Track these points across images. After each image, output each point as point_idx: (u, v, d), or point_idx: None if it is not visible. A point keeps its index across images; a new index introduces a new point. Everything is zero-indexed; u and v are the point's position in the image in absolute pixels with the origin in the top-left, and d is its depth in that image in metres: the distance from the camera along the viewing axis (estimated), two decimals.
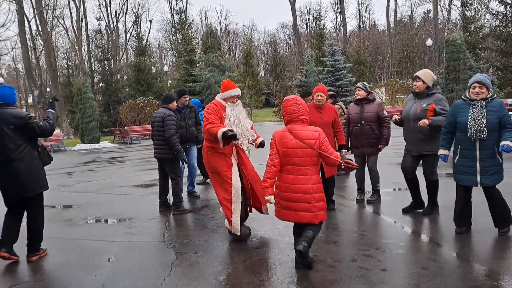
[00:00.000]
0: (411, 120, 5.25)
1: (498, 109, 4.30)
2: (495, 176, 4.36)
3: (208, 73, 23.81)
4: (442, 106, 5.09)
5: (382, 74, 45.44)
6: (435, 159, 5.22)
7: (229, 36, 65.31)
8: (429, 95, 5.21)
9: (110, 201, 7.69)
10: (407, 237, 4.78)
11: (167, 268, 4.17)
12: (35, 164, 4.50)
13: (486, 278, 3.55)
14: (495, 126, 4.27)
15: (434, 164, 5.30)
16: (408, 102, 5.48)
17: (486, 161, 4.33)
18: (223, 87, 5.00)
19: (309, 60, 26.73)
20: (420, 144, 5.24)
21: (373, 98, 6.07)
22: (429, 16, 54.07)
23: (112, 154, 17.70)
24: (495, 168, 4.34)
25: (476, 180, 4.40)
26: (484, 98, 4.36)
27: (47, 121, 4.59)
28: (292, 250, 4.45)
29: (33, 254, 4.63)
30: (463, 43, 22.51)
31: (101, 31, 35.64)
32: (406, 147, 5.49)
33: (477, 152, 4.37)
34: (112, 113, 31.20)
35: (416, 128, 5.17)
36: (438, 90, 5.30)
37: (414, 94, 5.38)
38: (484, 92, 4.37)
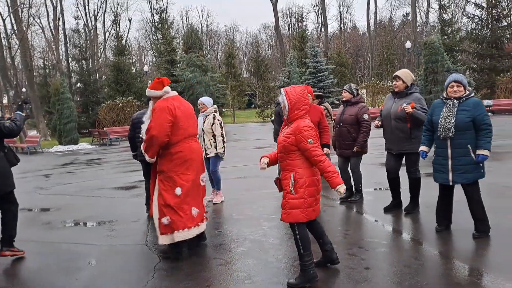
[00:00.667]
0: (392, 119, 5.32)
1: (471, 108, 4.31)
2: (467, 174, 4.36)
3: (190, 74, 23.69)
4: (422, 105, 5.19)
5: (363, 76, 46.04)
6: (417, 157, 5.30)
7: (211, 37, 65.08)
8: (408, 95, 5.29)
9: (90, 203, 7.54)
10: (389, 236, 4.83)
11: (150, 271, 4.10)
12: (1, 165, 4.56)
13: (467, 275, 3.61)
14: (466, 125, 4.29)
15: (417, 162, 5.39)
16: (387, 101, 5.55)
17: (457, 159, 4.38)
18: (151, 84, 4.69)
19: (292, 61, 26.86)
20: (401, 143, 5.32)
21: (356, 101, 6.10)
22: (407, 19, 55.03)
23: (91, 156, 17.40)
24: (467, 167, 4.34)
25: (448, 178, 4.46)
26: (459, 97, 4.41)
27: (14, 122, 4.64)
28: (277, 251, 4.46)
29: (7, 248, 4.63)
30: (441, 46, 22.99)
31: (79, 30, 35.09)
32: (386, 146, 5.56)
33: (448, 150, 4.43)
34: (91, 114, 30.66)
35: (397, 127, 5.24)
36: (416, 90, 5.40)
37: (393, 94, 5.45)
38: (461, 91, 4.41)
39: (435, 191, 4.79)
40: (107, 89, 32.48)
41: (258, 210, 6.17)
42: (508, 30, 27.97)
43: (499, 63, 27.18)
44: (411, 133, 5.22)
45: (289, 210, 3.56)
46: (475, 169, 4.35)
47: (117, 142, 23.50)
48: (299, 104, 3.63)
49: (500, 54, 27.40)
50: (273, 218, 5.69)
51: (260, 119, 32.01)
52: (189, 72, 24.11)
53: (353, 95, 6.10)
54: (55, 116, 24.31)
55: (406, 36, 50.08)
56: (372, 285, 3.50)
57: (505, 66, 26.80)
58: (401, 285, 3.47)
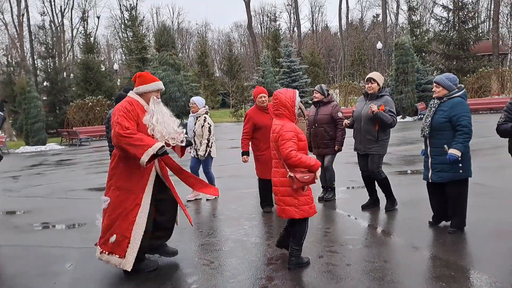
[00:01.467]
0: (362, 121, 5.48)
1: (448, 109, 4.41)
2: (443, 173, 4.47)
3: (162, 72, 23.37)
4: (390, 108, 5.37)
5: (335, 76, 46.67)
6: (379, 159, 5.51)
7: (182, 35, 64.44)
8: (379, 97, 5.45)
9: (63, 206, 7.34)
10: (369, 233, 4.92)
11: (134, 273, 4.03)
12: None
13: (444, 269, 3.72)
14: (441, 126, 4.41)
15: (379, 164, 5.54)
16: (359, 103, 5.71)
17: (434, 158, 4.55)
18: (144, 78, 4.03)
19: (266, 60, 26.92)
20: (367, 144, 5.48)
21: (328, 101, 6.21)
22: (378, 19, 56.16)
23: (60, 157, 16.92)
24: (443, 165, 4.44)
25: (428, 176, 4.65)
26: (440, 97, 4.54)
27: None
28: (259, 250, 4.47)
29: None
30: (411, 47, 23.57)
31: (44, 26, 34.02)
32: (354, 146, 5.71)
33: (428, 149, 4.62)
34: (59, 114, 29.74)
35: (366, 128, 5.42)
36: (386, 93, 5.58)
37: (365, 96, 5.58)
38: (439, 91, 4.53)
39: (410, 188, 4.92)
40: (75, 88, 31.59)
41: (237, 210, 6.17)
42: (473, 32, 28.95)
43: (466, 64, 28.10)
44: (378, 136, 5.38)
45: (300, 207, 3.77)
46: (451, 168, 4.43)
47: (87, 142, 22.93)
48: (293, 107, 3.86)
49: (467, 56, 28.32)
50: (253, 217, 5.71)
51: (234, 118, 31.95)
52: (161, 71, 23.77)
53: (324, 96, 6.22)
54: (22, 116, 23.48)
55: (377, 37, 51.13)
56: (354, 281, 3.57)
57: (471, 67, 27.73)
58: (383, 280, 3.55)
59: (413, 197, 6.10)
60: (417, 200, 5.88)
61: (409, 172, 8.20)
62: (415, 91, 23.64)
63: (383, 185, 5.59)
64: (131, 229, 3.82)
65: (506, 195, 5.95)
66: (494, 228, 4.61)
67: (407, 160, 9.47)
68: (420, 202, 5.70)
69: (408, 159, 9.59)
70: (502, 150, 9.07)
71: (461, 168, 4.43)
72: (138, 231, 3.83)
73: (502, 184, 6.56)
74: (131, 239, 3.81)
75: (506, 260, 3.79)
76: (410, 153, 10.42)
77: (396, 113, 5.34)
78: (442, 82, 4.51)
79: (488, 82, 25.04)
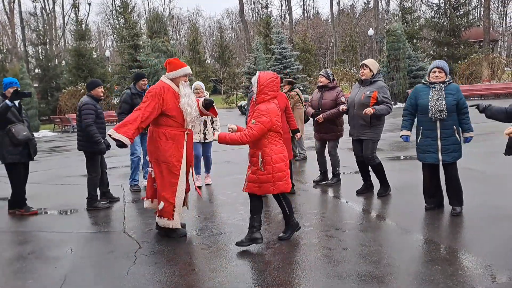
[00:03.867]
0: (355, 106, 5.56)
1: (455, 93, 4.66)
2: (454, 153, 4.71)
3: (154, 59, 23.16)
4: (384, 94, 5.45)
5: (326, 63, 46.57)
6: (373, 144, 5.61)
7: (173, 21, 63.70)
8: (372, 83, 5.52)
9: (59, 191, 7.36)
10: (363, 218, 5.03)
11: (132, 257, 4.10)
12: None
13: (438, 252, 3.83)
14: (453, 108, 4.63)
15: (373, 150, 5.63)
16: (354, 89, 5.79)
17: (446, 139, 4.68)
18: (173, 65, 4.47)
19: (258, 47, 26.78)
20: (361, 129, 5.57)
21: (333, 86, 6.24)
22: (369, 6, 55.97)
23: (54, 144, 16.83)
24: (454, 146, 4.69)
25: (437, 158, 4.74)
26: (442, 82, 4.67)
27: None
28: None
29: None
30: (402, 33, 23.61)
31: (36, 13, 33.49)
32: (349, 132, 5.81)
33: (438, 131, 4.70)
34: (51, 100, 29.43)
35: (359, 114, 5.50)
36: (380, 78, 5.65)
37: (359, 82, 5.65)
38: (442, 76, 4.69)
39: (403, 173, 5.02)
40: (67, 75, 31.22)
41: (232, 195, 6.23)
42: (464, 18, 29.01)
43: (457, 51, 28.19)
44: (371, 121, 5.48)
45: (260, 184, 4.04)
46: (459, 148, 4.74)
47: None
48: (267, 89, 4.04)
49: (458, 42, 28.40)
50: (248, 202, 5.76)
51: (226, 105, 31.89)
52: (153, 58, 23.54)
53: (330, 80, 6.23)
54: None
55: (368, 23, 51.01)
56: (351, 265, 3.66)
57: (462, 53, 27.86)
58: (379, 263, 3.65)
59: (406, 182, 6.21)
60: (410, 185, 5.99)
61: (401, 157, 8.32)
62: (406, 78, 23.75)
63: (377, 170, 5.69)
64: (174, 196, 4.43)
65: (497, 181, 6.08)
66: (487, 213, 4.72)
67: (400, 146, 9.58)
68: (413, 187, 5.81)
69: (401, 145, 9.69)
70: (493, 136, 9.25)
71: (461, 148, 4.75)
72: (180, 196, 4.47)
73: (493, 169, 6.69)
74: (176, 204, 4.44)
75: (499, 243, 3.90)
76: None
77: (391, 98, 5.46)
78: (446, 68, 4.72)
79: (479, 68, 25.19)
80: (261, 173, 4.01)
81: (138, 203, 6.22)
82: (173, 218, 4.45)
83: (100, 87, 6.05)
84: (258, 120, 3.94)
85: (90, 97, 5.98)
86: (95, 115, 5.81)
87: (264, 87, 4.04)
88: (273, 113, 4.00)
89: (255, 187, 4.08)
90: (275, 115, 4.02)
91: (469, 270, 3.43)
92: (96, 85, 6.04)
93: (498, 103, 4.47)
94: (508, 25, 55.11)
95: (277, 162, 4.03)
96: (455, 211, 4.74)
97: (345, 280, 3.38)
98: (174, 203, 4.43)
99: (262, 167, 3.99)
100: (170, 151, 4.38)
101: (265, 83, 4.03)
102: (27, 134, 5.62)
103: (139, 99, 6.64)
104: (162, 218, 4.48)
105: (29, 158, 5.91)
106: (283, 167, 4.06)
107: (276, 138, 4.07)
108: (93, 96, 5.99)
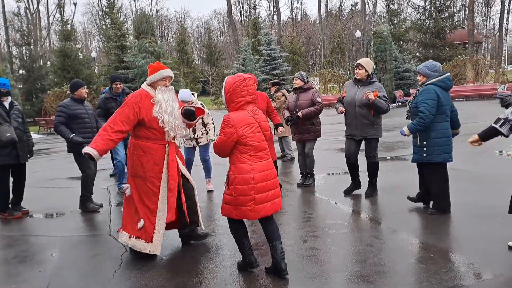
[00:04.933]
0: (356, 106, 5.54)
1: (418, 95, 4.79)
2: (414, 155, 4.90)
3: (141, 60, 23.05)
4: (384, 94, 5.54)
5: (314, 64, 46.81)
6: (376, 142, 5.67)
7: (161, 22, 63.43)
8: (371, 83, 5.56)
9: (45, 195, 7.26)
10: (350, 217, 5.05)
11: (117, 260, 4.06)
12: None
13: (424, 251, 3.87)
14: (415, 111, 4.76)
15: (376, 147, 5.70)
16: (350, 89, 5.69)
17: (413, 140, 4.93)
18: (151, 69, 4.14)
19: (246, 48, 26.82)
20: (364, 129, 5.57)
21: (309, 87, 6.35)
22: (356, 8, 56.42)
23: (39, 146, 16.57)
24: (414, 148, 4.88)
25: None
26: (421, 84, 4.82)
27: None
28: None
29: None
30: (389, 35, 23.84)
31: (20, 13, 32.99)
32: (348, 133, 5.75)
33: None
34: (36, 102, 29.10)
35: (361, 113, 5.50)
36: (375, 79, 5.66)
37: (356, 81, 5.66)
38: (421, 79, 4.82)
39: (390, 173, 5.06)
40: (52, 76, 30.88)
41: (220, 196, 6.19)
42: (449, 20, 29.44)
43: (442, 52, 28.60)
44: (374, 120, 5.50)
45: (223, 204, 3.54)
46: (418, 150, 4.84)
47: None
48: (234, 96, 3.47)
49: (443, 44, 28.82)
50: None
51: (215, 106, 31.83)
52: (140, 59, 23.43)
53: (305, 82, 6.36)
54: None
55: (355, 25, 51.43)
56: (338, 265, 3.67)
57: (447, 55, 28.26)
58: (365, 263, 3.67)
59: (393, 183, 6.27)
60: (397, 186, 6.05)
61: (388, 158, 8.39)
62: (393, 79, 23.99)
63: (374, 169, 5.72)
64: (155, 216, 3.95)
65: (483, 180, 6.16)
66: (473, 212, 4.78)
67: (387, 147, 9.66)
68: (400, 188, 5.87)
69: (388, 146, 9.78)
70: None
71: (424, 152, 4.77)
72: (162, 217, 3.96)
73: (480, 169, 6.78)
74: (156, 225, 3.95)
75: (484, 242, 3.94)
76: (389, 139, 10.61)
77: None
78: (421, 71, 4.82)
79: (463, 70, 25.57)
80: (226, 192, 3.49)
81: None
82: (151, 241, 3.94)
83: (84, 88, 5.99)
84: (220, 130, 3.41)
85: (71, 98, 5.93)
86: (66, 116, 5.78)
87: (231, 95, 3.47)
88: (241, 123, 3.39)
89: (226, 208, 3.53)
90: (244, 125, 3.40)
91: (453, 268, 3.47)
92: (79, 86, 5.98)
93: (482, 104, 4.53)
94: (491, 28, 56.06)
95: (240, 183, 3.38)
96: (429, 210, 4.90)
97: (331, 280, 3.39)
98: (155, 223, 3.94)
99: (226, 186, 3.50)
100: (148, 166, 3.98)
101: (231, 89, 3.46)
102: (11, 135, 5.53)
103: (113, 103, 6.59)
104: (139, 239, 3.97)
105: (17, 160, 5.74)
106: (246, 191, 3.36)
107: (245, 153, 3.41)
108: (75, 97, 5.93)
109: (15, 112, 5.82)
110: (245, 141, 3.40)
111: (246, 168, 3.40)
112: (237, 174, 3.41)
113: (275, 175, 3.57)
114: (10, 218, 5.74)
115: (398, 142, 9.87)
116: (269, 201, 3.46)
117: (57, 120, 5.77)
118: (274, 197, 3.50)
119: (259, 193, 3.40)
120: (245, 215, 3.43)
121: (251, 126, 3.44)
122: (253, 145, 3.42)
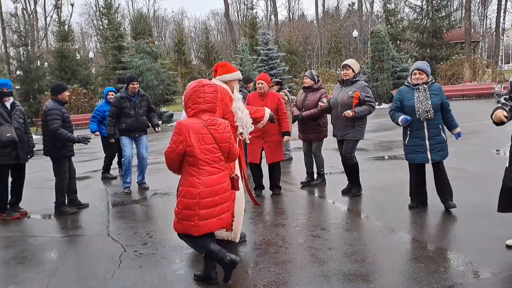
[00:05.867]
0: (338, 107, 5.60)
1: (439, 92, 4.77)
2: (442, 152, 4.80)
3: (139, 60, 23.00)
4: (366, 93, 5.53)
5: (312, 64, 46.82)
6: (354, 143, 5.67)
7: (158, 22, 63.37)
8: (354, 83, 5.59)
9: (43, 195, 7.24)
10: (349, 217, 5.06)
11: (116, 261, 4.06)
12: None
13: (422, 250, 3.88)
14: (438, 107, 4.73)
15: (353, 149, 5.70)
16: (336, 90, 5.82)
17: (433, 139, 4.76)
18: (225, 68, 4.27)
19: (243, 48, 26.78)
20: (345, 130, 5.63)
21: (318, 87, 6.27)
22: (353, 8, 56.50)
23: (37, 146, 16.48)
24: (442, 145, 4.79)
25: (427, 157, 4.80)
26: (425, 82, 4.76)
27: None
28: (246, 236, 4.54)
29: None
30: (386, 35, 23.88)
31: (17, 14, 32.87)
32: (333, 132, 5.85)
33: (425, 131, 4.77)
34: (33, 103, 28.97)
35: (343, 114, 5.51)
36: (361, 78, 5.73)
37: (341, 83, 5.69)
38: (423, 77, 4.78)
39: (387, 173, 5.07)
40: (50, 77, 30.80)
41: None
42: (446, 20, 29.47)
43: (439, 52, 28.62)
44: (354, 121, 5.53)
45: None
46: (446, 147, 4.84)
47: None
48: (190, 102, 3.30)
49: (440, 43, 28.84)
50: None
51: None
52: (138, 59, 23.38)
53: (315, 82, 6.26)
54: None
55: (352, 25, 51.51)
56: (337, 264, 3.68)
57: (444, 54, 28.29)
58: (364, 262, 3.68)
59: (390, 182, 6.27)
60: (394, 185, 6.06)
61: (386, 157, 8.40)
62: (390, 79, 24.02)
63: (352, 170, 5.73)
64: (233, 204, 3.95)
65: (480, 179, 6.17)
66: (470, 210, 4.79)
67: (384, 146, 9.69)
68: (397, 187, 5.88)
69: (385, 145, 9.81)
70: (475, 135, 9.41)
71: (447, 147, 4.84)
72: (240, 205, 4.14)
73: (476, 168, 6.80)
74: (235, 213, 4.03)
75: (482, 240, 3.95)
76: (386, 139, 10.64)
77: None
78: (426, 69, 4.80)
79: (460, 69, 25.61)
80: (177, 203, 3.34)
81: (122, 206, 6.17)
82: (231, 229, 4.04)
83: (67, 91, 5.99)
84: (172, 138, 3.24)
85: (55, 101, 5.89)
86: (61, 119, 5.75)
87: (188, 100, 3.30)
88: (190, 131, 3.18)
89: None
90: (193, 134, 3.19)
91: (452, 267, 3.48)
92: (63, 89, 5.95)
93: (479, 103, 4.56)
94: (488, 27, 56.21)
95: (185, 197, 3.21)
96: (451, 204, 4.81)
97: (330, 279, 3.40)
98: (233, 211, 3.97)
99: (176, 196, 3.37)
100: None
101: (188, 94, 3.30)
102: (11, 136, 5.51)
103: (127, 103, 6.60)
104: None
105: (17, 160, 5.73)
106: (191, 205, 3.18)
107: (193, 165, 3.21)
108: (58, 100, 5.90)
109: (16, 112, 5.79)
110: (193, 153, 3.19)
111: (193, 181, 3.22)
112: (184, 186, 3.26)
113: (227, 189, 3.38)
114: (8, 219, 5.73)
115: (395, 141, 9.89)
116: (215, 217, 3.27)
117: (56, 123, 5.70)
118: (221, 212, 3.31)
119: (204, 208, 3.21)
120: (185, 230, 3.26)
121: (202, 137, 3.22)
122: (201, 158, 3.21)
